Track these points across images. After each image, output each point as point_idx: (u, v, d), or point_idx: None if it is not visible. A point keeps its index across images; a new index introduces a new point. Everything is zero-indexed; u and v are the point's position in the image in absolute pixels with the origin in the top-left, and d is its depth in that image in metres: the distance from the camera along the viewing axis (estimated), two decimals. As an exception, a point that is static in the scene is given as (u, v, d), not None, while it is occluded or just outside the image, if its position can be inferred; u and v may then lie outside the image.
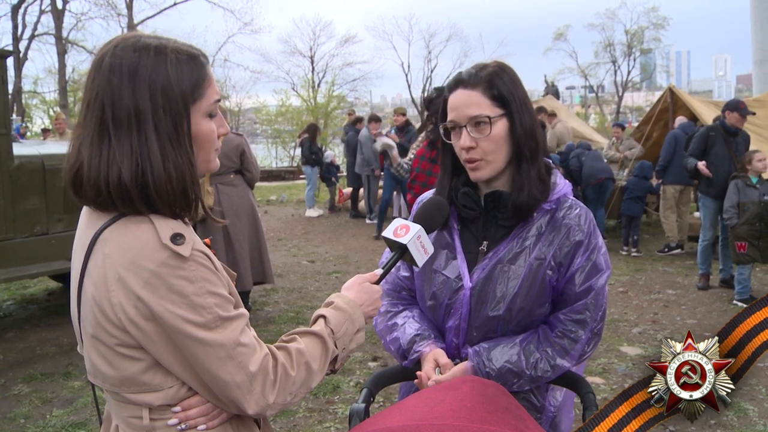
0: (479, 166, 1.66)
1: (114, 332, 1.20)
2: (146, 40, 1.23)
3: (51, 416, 4.18)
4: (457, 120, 1.66)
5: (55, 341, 5.66)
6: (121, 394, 1.26)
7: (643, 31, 40.95)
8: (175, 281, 1.16)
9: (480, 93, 1.63)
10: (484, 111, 1.62)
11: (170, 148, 1.20)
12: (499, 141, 1.64)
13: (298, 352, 1.32)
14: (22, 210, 5.45)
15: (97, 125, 1.20)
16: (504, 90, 1.64)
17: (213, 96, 1.28)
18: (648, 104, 26.08)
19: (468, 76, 1.67)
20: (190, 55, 1.25)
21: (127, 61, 1.19)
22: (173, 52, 1.22)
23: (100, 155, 1.19)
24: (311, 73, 35.98)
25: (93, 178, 1.19)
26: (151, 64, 1.20)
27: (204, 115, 1.27)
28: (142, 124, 1.18)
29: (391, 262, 1.56)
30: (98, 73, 1.21)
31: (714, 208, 6.93)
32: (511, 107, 1.64)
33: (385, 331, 1.81)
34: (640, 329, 5.76)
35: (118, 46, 1.22)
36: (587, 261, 1.64)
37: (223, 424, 1.30)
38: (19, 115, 26.19)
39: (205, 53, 1.30)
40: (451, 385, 1.38)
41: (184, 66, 1.23)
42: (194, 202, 1.26)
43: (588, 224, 1.67)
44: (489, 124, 1.62)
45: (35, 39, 29.39)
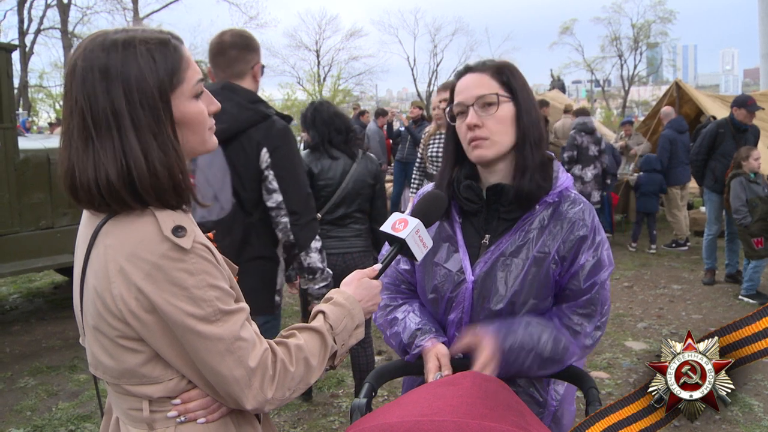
0: (483, 145, 1.65)
1: (115, 324, 1.20)
2: (113, 36, 1.21)
3: (57, 409, 4.20)
4: (464, 101, 1.67)
5: (61, 334, 5.69)
6: (121, 386, 1.26)
7: (650, 25, 40.78)
8: (176, 273, 1.16)
9: (489, 76, 1.67)
10: (492, 90, 1.65)
11: (152, 141, 1.19)
12: (505, 122, 1.65)
13: (297, 347, 1.32)
14: (28, 204, 5.47)
15: (81, 130, 1.19)
16: (512, 79, 1.68)
17: (194, 77, 1.26)
18: (654, 98, 25.94)
19: (477, 64, 1.72)
20: (160, 42, 1.22)
21: (97, 61, 1.18)
22: (142, 43, 1.20)
23: (86, 160, 1.18)
24: (317, 67, 36.03)
25: (84, 183, 1.19)
26: (120, 61, 1.18)
27: (189, 98, 1.25)
28: (120, 123, 1.17)
29: (390, 257, 1.55)
30: (73, 80, 1.20)
31: (719, 202, 6.94)
32: (518, 96, 1.67)
33: (386, 326, 1.81)
34: (645, 324, 5.74)
35: (87, 48, 1.20)
36: (593, 257, 1.64)
37: (223, 417, 1.30)
38: (25, 110, 26.27)
39: (176, 35, 1.27)
40: (451, 380, 1.38)
41: (156, 55, 1.20)
42: (186, 192, 1.25)
43: (592, 219, 1.67)
44: (496, 104, 1.64)
45: (41, 33, 29.52)
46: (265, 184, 2.62)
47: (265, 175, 2.62)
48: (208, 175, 2.57)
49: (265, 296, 2.77)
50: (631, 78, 43.07)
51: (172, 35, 1.26)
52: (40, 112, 35.80)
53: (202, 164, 2.57)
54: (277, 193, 2.62)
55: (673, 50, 50.20)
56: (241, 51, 2.67)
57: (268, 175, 2.62)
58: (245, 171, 2.61)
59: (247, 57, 2.68)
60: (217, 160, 2.56)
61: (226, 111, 2.42)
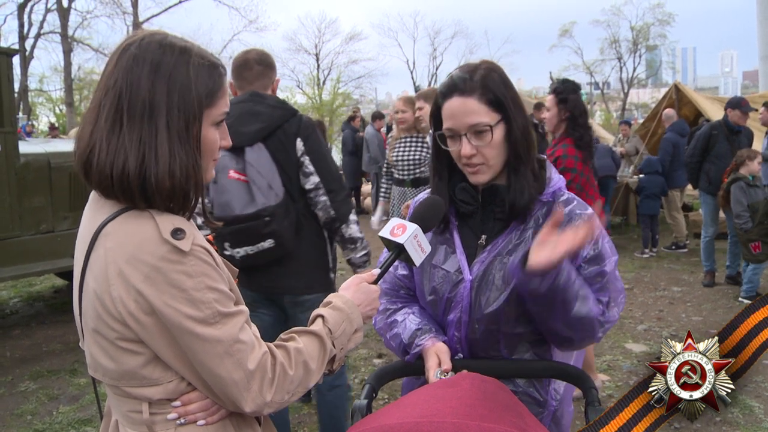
0: (481, 170, 1.67)
1: (114, 326, 1.20)
2: (173, 39, 1.25)
3: (57, 413, 4.20)
4: (455, 128, 1.65)
5: (62, 338, 5.70)
6: (121, 388, 1.26)
7: (649, 28, 40.78)
8: (175, 276, 1.17)
9: (476, 100, 1.63)
10: (483, 119, 1.62)
11: (179, 146, 1.21)
12: (499, 146, 1.65)
13: (297, 351, 1.32)
14: (29, 208, 5.48)
15: (112, 112, 1.20)
16: (498, 93, 1.64)
17: (223, 107, 1.30)
18: (653, 101, 25.97)
19: (462, 82, 1.65)
20: (212, 63, 1.28)
21: (151, 54, 1.21)
22: (197, 56, 1.25)
23: (110, 142, 1.20)
24: (316, 70, 36.06)
25: (101, 164, 1.20)
26: (173, 62, 1.21)
27: (211, 124, 1.28)
28: (154, 118, 1.19)
29: (389, 262, 1.56)
30: (120, 61, 1.22)
31: (714, 204, 6.96)
32: (506, 111, 1.64)
33: (385, 329, 1.81)
34: (645, 326, 5.74)
35: (145, 39, 1.24)
36: (593, 250, 1.64)
37: (222, 420, 1.31)
38: (25, 114, 26.30)
39: (224, 65, 1.32)
40: (450, 381, 1.38)
41: (204, 71, 1.25)
42: (193, 203, 1.26)
43: (588, 215, 1.67)
44: (490, 132, 1.63)
45: (41, 37, 29.55)
46: (302, 169, 2.90)
47: (302, 161, 2.89)
48: (258, 168, 2.82)
49: (322, 274, 3.08)
50: (630, 80, 43.07)
51: (222, 63, 1.31)
52: (40, 116, 35.80)
53: (251, 159, 2.81)
54: (314, 176, 2.89)
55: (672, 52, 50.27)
56: (266, 68, 3.04)
57: (303, 160, 2.89)
58: (287, 161, 2.88)
59: (269, 73, 3.07)
60: (262, 154, 2.84)
61: (261, 112, 2.86)
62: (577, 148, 3.88)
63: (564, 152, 3.85)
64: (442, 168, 1.77)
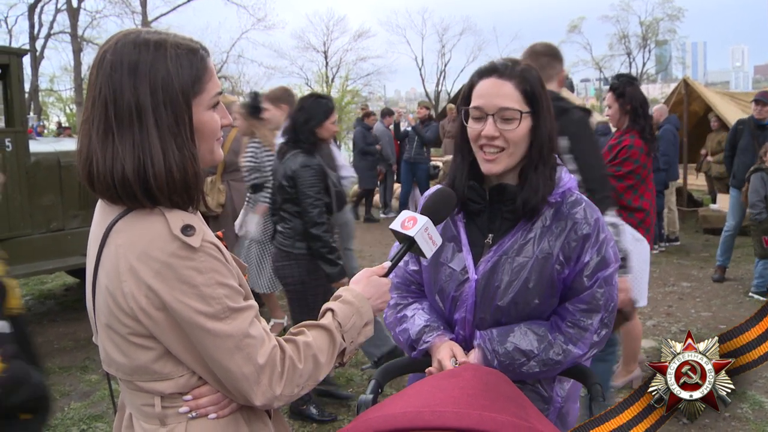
0: (498, 158, 1.65)
1: (126, 321, 1.22)
2: (146, 35, 1.24)
3: (69, 409, 4.24)
4: (484, 107, 1.64)
5: (73, 336, 5.74)
6: (134, 383, 1.28)
7: (658, 23, 40.44)
8: (185, 271, 1.18)
9: (513, 85, 1.63)
10: (514, 105, 1.62)
11: (171, 141, 1.22)
12: (523, 137, 1.64)
13: (306, 344, 1.34)
14: (39, 206, 5.52)
15: (102, 122, 1.21)
16: (535, 88, 1.65)
17: (214, 89, 1.29)
18: (663, 96, 25.80)
19: (503, 67, 1.66)
20: (190, 49, 1.26)
21: (127, 57, 1.21)
22: (173, 47, 1.23)
23: (105, 152, 1.21)
24: (325, 68, 35.98)
25: (101, 174, 1.21)
26: (150, 60, 1.21)
27: (206, 108, 1.28)
28: (143, 119, 1.20)
29: (400, 255, 1.56)
30: (100, 70, 1.22)
31: (737, 197, 6.94)
32: (538, 106, 1.65)
33: (395, 323, 1.82)
34: (654, 322, 5.73)
35: (119, 42, 1.23)
36: (597, 255, 1.64)
37: (233, 413, 1.32)
38: (36, 113, 26.44)
39: (204, 46, 1.30)
40: (453, 372, 1.39)
41: (183, 60, 1.24)
42: (196, 194, 1.27)
43: (595, 218, 1.67)
44: (518, 120, 1.62)
45: (51, 37, 29.67)
46: None
47: None
48: None
49: None
50: (639, 76, 42.79)
51: (201, 45, 1.29)
52: (51, 116, 36.01)
53: None
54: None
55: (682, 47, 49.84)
56: (551, 59, 3.08)
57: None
58: None
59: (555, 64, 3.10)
60: None
61: None
62: (642, 140, 3.98)
63: (631, 142, 3.95)
64: (466, 149, 1.74)
